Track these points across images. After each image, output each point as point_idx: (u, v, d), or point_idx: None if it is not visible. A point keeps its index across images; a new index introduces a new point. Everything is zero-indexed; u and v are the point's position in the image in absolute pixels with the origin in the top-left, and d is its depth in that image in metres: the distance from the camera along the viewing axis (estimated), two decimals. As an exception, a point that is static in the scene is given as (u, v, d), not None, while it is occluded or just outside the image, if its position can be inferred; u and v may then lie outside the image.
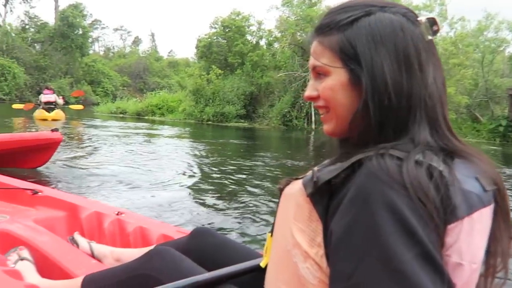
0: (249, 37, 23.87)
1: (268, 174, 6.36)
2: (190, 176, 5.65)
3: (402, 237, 0.54)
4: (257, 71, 20.93)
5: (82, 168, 5.76)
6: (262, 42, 23.71)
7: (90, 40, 49.19)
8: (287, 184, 0.75)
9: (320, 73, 0.72)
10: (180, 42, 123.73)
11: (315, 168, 0.71)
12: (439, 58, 0.72)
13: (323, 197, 0.65)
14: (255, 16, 24.35)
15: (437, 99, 0.68)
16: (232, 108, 19.78)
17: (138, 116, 21.37)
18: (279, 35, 21.51)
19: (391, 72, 0.66)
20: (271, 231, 0.79)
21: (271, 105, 20.44)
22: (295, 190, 0.70)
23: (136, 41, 69.84)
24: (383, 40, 0.66)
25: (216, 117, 19.79)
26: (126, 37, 71.04)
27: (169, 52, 69.39)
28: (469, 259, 0.61)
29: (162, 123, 18.47)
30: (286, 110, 18.72)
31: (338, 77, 0.69)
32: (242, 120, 20.28)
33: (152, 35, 61.42)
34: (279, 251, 0.71)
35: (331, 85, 0.70)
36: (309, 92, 0.75)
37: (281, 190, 0.76)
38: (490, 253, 0.67)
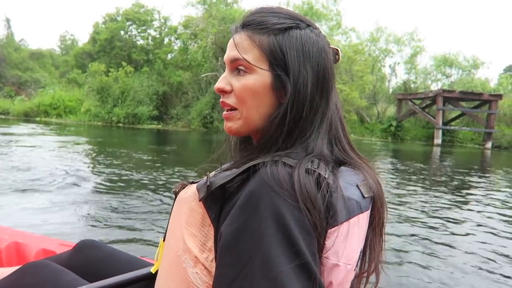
0: (152, 33, 22.40)
1: (173, 180, 5.65)
2: (82, 185, 4.96)
3: (284, 247, 0.56)
4: (168, 69, 19.75)
5: None
6: (167, 39, 22.46)
7: None
8: (182, 188, 0.76)
9: (240, 69, 0.70)
10: (31, 31, 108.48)
11: (211, 173, 0.72)
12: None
13: (217, 202, 0.65)
14: (160, 11, 22.78)
15: (336, 118, 0.74)
16: (145, 109, 18.28)
17: (26, 118, 18.08)
18: (184, 31, 20.60)
19: (311, 87, 0.69)
20: (164, 236, 0.79)
21: (186, 105, 19.54)
22: (189, 195, 0.70)
23: (-21, 26, 59.10)
24: (310, 57, 0.69)
25: (127, 119, 18.02)
26: (-35, 20, 59.52)
27: (19, 41, 60.05)
28: (345, 261, 0.64)
29: (60, 125, 15.99)
30: (206, 112, 18.10)
31: (261, 78, 0.69)
32: (155, 122, 18.92)
33: (7, 20, 51.73)
34: (170, 256, 0.70)
35: (252, 85, 0.69)
36: (222, 84, 0.72)
37: (176, 194, 0.76)
38: (364, 254, 0.72)
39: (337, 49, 0.76)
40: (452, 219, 4.21)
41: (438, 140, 18.51)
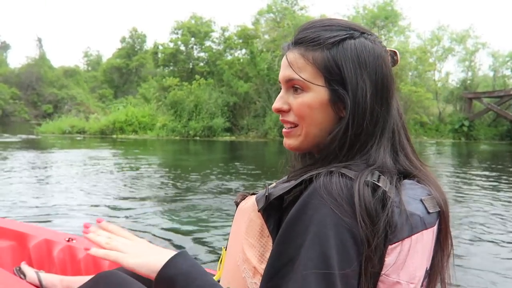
0: (212, 44, 22.32)
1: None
2: (157, 200, 5.28)
3: (315, 254, 0.57)
4: (235, 80, 19.57)
5: (34, 196, 5.26)
6: (227, 49, 22.33)
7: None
8: (243, 198, 0.76)
9: (296, 87, 0.71)
10: (52, 48, 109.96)
11: (270, 185, 0.73)
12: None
13: (275, 213, 0.66)
14: (216, 21, 22.75)
15: (399, 125, 0.72)
16: (219, 121, 18.11)
17: (103, 136, 18.02)
18: (238, 41, 20.41)
19: (371, 98, 0.67)
20: (226, 246, 0.79)
21: (255, 116, 19.32)
22: (249, 205, 0.71)
23: (4, 47, 60.12)
24: (367, 67, 0.67)
25: (203, 132, 17.87)
26: (-6, 42, 60.43)
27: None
28: (407, 279, 0.62)
29: (143, 141, 15.85)
30: (283, 121, 17.81)
31: (318, 95, 0.69)
32: (229, 134, 18.73)
33: (39, 40, 52.41)
34: (230, 265, 0.71)
35: (309, 102, 0.69)
36: (279, 104, 0.74)
37: (237, 205, 0.76)
38: (430, 272, 0.68)
39: (394, 51, 0.73)
40: None
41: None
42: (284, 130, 0.75)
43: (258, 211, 0.67)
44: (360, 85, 0.67)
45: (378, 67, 0.68)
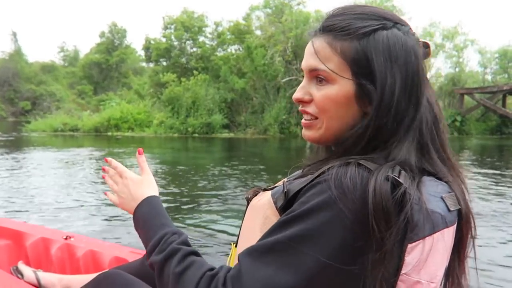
0: (205, 39, 21.92)
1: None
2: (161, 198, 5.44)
3: (297, 230, 0.56)
4: (232, 76, 19.26)
5: (30, 195, 5.13)
6: (221, 44, 21.97)
7: None
8: (255, 194, 0.74)
9: (321, 78, 0.67)
10: (26, 43, 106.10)
11: (285, 180, 0.71)
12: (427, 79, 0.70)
13: None
14: (208, 16, 22.33)
15: (429, 125, 0.68)
16: (218, 118, 17.79)
17: (97, 134, 17.40)
18: (231, 36, 20.12)
19: (399, 95, 0.64)
20: (236, 242, 0.78)
21: (253, 112, 19.08)
22: (264, 202, 0.69)
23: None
24: (398, 61, 0.64)
25: (202, 129, 17.51)
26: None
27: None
28: (428, 278, 0.61)
29: (135, 140, 15.39)
30: (283, 117, 17.66)
31: (343, 88, 0.66)
32: (227, 130, 18.44)
33: (14, 34, 50.12)
34: None
35: (333, 95, 0.66)
36: (300, 94, 0.71)
37: (248, 200, 0.75)
38: (449, 271, 0.68)
39: (427, 43, 0.69)
40: None
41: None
42: (303, 121, 0.72)
43: (277, 209, 0.64)
44: (389, 80, 0.63)
45: (410, 62, 0.64)
